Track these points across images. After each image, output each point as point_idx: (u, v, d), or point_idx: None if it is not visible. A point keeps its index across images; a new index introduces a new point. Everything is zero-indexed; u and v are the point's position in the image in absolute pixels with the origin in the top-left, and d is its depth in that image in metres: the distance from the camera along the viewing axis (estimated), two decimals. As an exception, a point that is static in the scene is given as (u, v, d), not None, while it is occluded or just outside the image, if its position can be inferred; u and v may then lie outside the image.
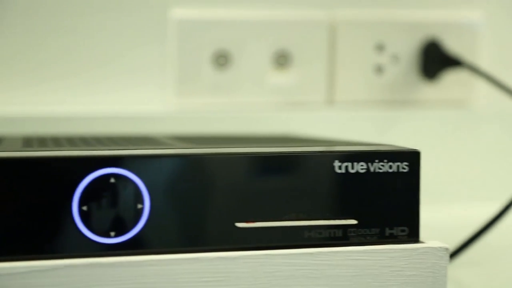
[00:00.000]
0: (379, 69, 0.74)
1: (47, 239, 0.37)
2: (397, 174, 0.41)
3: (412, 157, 0.41)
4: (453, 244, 0.53)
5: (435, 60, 0.73)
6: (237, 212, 0.39)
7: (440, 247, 0.41)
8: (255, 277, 0.39)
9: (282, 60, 0.72)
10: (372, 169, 0.41)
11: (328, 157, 0.41)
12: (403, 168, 0.41)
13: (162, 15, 0.71)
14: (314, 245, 0.40)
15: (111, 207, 0.38)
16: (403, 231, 0.41)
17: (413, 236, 0.41)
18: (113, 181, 0.38)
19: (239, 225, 0.39)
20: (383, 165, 0.41)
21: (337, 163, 0.41)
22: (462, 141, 0.75)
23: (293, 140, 0.56)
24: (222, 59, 0.71)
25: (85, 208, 0.38)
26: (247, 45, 0.71)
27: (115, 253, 0.38)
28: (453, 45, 0.74)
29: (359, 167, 0.41)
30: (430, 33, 0.74)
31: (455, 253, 0.53)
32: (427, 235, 0.42)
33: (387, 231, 0.41)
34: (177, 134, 0.63)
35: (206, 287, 0.38)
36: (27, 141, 0.50)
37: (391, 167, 0.41)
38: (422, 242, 0.41)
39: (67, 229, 0.37)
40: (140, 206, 0.38)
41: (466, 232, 0.54)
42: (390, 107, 0.74)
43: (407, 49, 0.74)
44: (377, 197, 0.41)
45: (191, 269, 0.38)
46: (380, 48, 0.74)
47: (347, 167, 0.41)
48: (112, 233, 0.38)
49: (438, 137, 0.75)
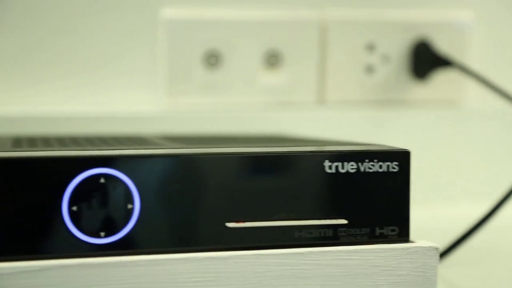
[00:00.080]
0: (370, 69, 0.74)
1: (36, 239, 0.37)
2: (387, 174, 0.41)
3: (402, 157, 0.42)
4: (443, 243, 0.53)
5: (425, 60, 0.74)
6: (227, 212, 0.39)
7: (430, 247, 0.41)
8: (246, 277, 0.39)
9: (273, 60, 0.72)
10: (362, 169, 0.41)
11: (318, 157, 0.41)
12: (393, 168, 0.41)
13: (152, 15, 0.71)
14: (304, 245, 0.40)
15: (101, 207, 0.38)
16: (393, 230, 0.41)
17: (403, 235, 0.41)
18: (103, 181, 0.38)
19: (230, 225, 0.39)
20: (373, 165, 0.41)
21: (327, 163, 0.41)
22: (452, 141, 0.76)
23: (284, 140, 0.56)
24: (213, 59, 0.71)
25: (75, 208, 0.37)
26: (238, 45, 0.71)
27: (105, 253, 0.38)
28: (443, 45, 0.75)
29: (349, 167, 0.41)
30: (420, 33, 0.74)
31: (445, 253, 0.53)
32: (417, 235, 0.42)
33: (377, 231, 0.41)
34: (168, 134, 0.63)
35: (196, 287, 0.38)
36: (17, 141, 0.50)
37: (381, 167, 0.41)
38: (412, 241, 0.42)
39: (57, 229, 0.37)
40: (130, 206, 0.38)
41: (456, 231, 0.54)
42: (380, 107, 0.75)
43: (398, 49, 0.74)
44: (367, 197, 0.41)
45: (181, 269, 0.38)
46: (370, 48, 0.74)
47: (337, 167, 0.41)
48: (102, 233, 0.38)
49: (428, 137, 0.75)
